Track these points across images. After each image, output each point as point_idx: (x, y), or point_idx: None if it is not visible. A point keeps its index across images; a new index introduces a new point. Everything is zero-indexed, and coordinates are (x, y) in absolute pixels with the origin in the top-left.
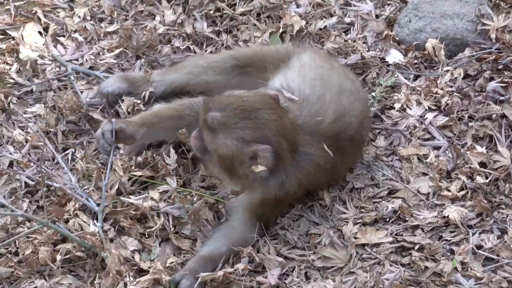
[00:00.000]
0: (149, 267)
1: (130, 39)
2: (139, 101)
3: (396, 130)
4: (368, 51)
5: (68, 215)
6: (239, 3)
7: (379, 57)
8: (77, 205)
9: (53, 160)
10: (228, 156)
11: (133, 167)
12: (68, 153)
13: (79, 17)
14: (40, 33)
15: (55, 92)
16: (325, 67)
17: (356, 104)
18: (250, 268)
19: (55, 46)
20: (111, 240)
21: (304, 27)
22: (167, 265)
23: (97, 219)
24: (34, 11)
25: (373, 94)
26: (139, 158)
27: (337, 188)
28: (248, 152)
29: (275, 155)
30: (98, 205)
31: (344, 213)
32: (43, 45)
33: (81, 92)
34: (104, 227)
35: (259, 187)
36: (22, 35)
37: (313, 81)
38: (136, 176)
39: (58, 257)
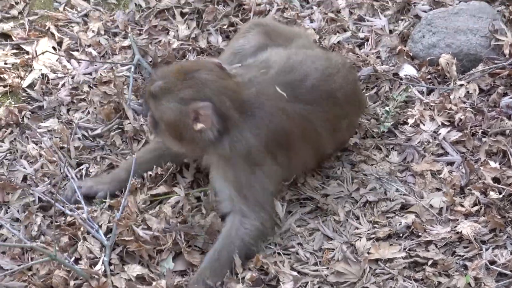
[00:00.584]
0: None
1: (146, 55)
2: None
3: (409, 145)
4: (382, 65)
5: (79, 235)
6: (252, 18)
7: (393, 73)
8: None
9: (67, 177)
10: (173, 121)
11: (147, 183)
12: (82, 169)
13: (93, 31)
14: (54, 48)
15: (73, 103)
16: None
17: (311, 59)
18: (264, 280)
19: (68, 61)
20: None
21: (318, 41)
22: (175, 283)
23: (104, 247)
24: (47, 27)
25: (386, 109)
26: (150, 173)
27: (350, 202)
28: (189, 112)
29: (219, 113)
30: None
31: (358, 228)
32: (57, 60)
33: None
34: (111, 257)
35: (214, 151)
36: (36, 50)
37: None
38: (152, 195)
39: (72, 282)
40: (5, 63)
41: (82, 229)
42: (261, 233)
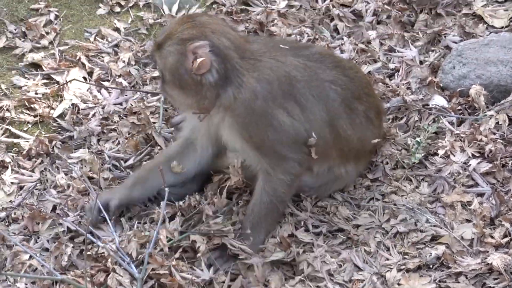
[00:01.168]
0: None
1: None
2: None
3: (440, 177)
4: (411, 95)
5: (110, 266)
6: None
7: (423, 104)
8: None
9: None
10: (174, 65)
11: (178, 214)
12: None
13: (123, 61)
14: (84, 78)
15: (103, 133)
16: None
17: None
18: None
19: (99, 91)
20: None
21: None
22: None
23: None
24: (78, 57)
25: (417, 139)
26: (181, 203)
27: (381, 233)
28: (188, 52)
29: (218, 53)
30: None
31: (388, 259)
32: (87, 90)
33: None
34: None
35: (219, 103)
36: (66, 80)
37: None
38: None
39: None
40: (36, 93)
41: (110, 260)
42: (288, 184)
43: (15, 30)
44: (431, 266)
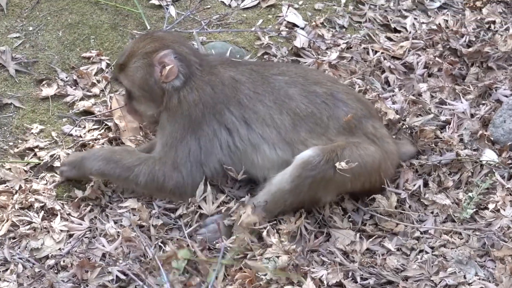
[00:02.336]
0: None
1: None
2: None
3: (489, 231)
4: (464, 149)
5: None
6: None
7: (473, 160)
8: None
9: (145, 257)
10: (143, 78)
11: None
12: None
13: None
14: (141, 127)
15: None
16: None
17: None
18: None
19: (153, 134)
20: None
21: (398, 120)
22: None
23: None
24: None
25: (470, 195)
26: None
27: (430, 285)
28: (154, 62)
29: (182, 59)
30: None
31: None
32: (141, 134)
33: None
34: None
35: (167, 105)
36: (118, 126)
37: None
38: None
39: None
40: (89, 140)
41: None
42: (155, 183)
43: (66, 78)
44: None
